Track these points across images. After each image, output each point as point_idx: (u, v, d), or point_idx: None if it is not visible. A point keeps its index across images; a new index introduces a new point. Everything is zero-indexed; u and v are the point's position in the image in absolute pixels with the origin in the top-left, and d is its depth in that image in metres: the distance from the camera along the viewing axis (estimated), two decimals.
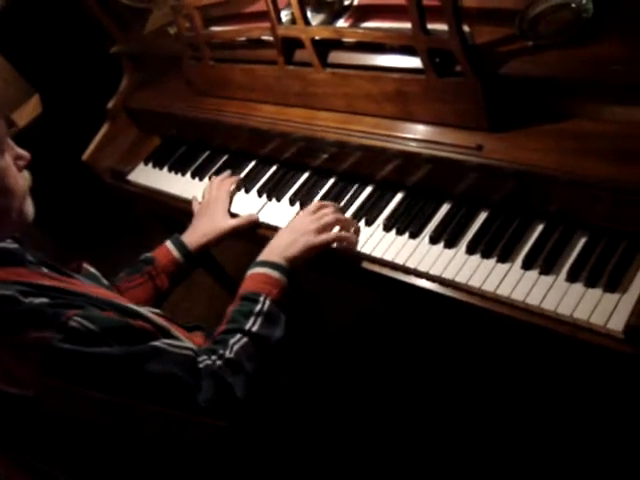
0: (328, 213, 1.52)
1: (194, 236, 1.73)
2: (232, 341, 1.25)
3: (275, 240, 1.49)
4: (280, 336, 1.31)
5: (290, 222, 1.55)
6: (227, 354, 1.22)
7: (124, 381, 1.11)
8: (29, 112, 3.21)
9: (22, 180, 1.24)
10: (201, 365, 1.19)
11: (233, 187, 1.84)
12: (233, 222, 1.74)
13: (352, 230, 1.53)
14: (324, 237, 1.48)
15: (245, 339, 1.26)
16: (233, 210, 1.80)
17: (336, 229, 1.52)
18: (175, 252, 1.70)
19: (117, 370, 1.10)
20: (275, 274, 1.39)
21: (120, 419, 1.13)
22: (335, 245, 1.50)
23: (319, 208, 1.55)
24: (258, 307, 1.32)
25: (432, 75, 1.39)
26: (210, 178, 1.95)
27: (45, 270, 1.25)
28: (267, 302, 1.33)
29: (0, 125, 1.19)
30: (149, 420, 1.15)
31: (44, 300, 1.09)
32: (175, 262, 1.69)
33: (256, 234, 1.74)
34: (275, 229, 1.68)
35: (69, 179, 2.99)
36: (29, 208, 1.25)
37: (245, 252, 3.01)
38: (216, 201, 1.79)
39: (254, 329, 1.28)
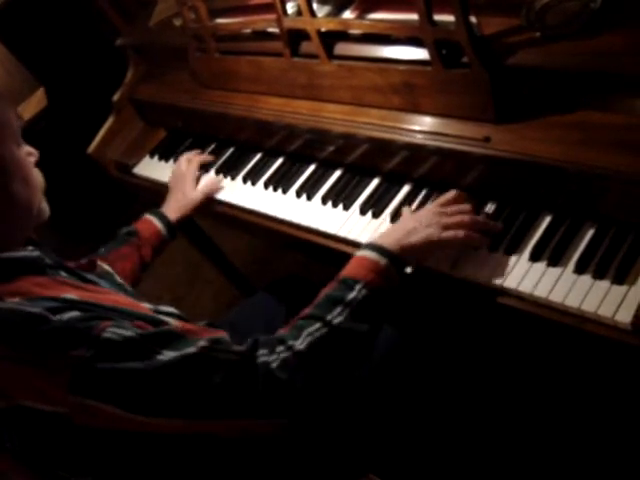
0: (465, 211, 1.36)
1: (171, 209, 1.86)
2: (308, 330, 1.13)
3: (396, 224, 1.38)
4: (365, 331, 1.18)
5: (419, 211, 1.39)
6: (297, 345, 1.11)
7: (162, 401, 1.04)
8: (34, 105, 3.21)
9: (39, 176, 1.24)
10: (258, 361, 1.09)
11: (199, 163, 1.97)
12: (199, 190, 1.89)
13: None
14: (450, 235, 1.31)
15: (324, 330, 1.14)
16: (243, 204, 1.81)
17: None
18: (159, 224, 1.82)
19: (155, 384, 1.03)
20: (383, 261, 1.25)
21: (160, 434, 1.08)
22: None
23: (453, 202, 1.40)
24: (351, 295, 1.18)
25: (439, 67, 1.39)
26: (216, 170, 1.95)
27: (64, 274, 1.22)
28: (363, 292, 1.19)
29: (14, 118, 1.19)
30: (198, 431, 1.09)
31: (74, 314, 1.04)
32: (158, 234, 1.81)
33: (257, 225, 1.78)
34: (281, 222, 1.70)
35: (74, 172, 2.99)
36: (45, 206, 1.26)
37: (251, 245, 3.02)
38: (183, 176, 1.92)
39: (337, 320, 1.15)
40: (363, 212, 1.57)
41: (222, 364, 1.06)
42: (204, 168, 1.98)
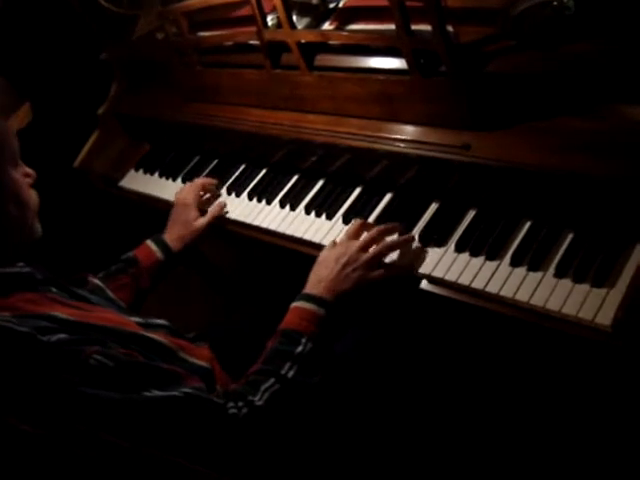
0: (375, 238, 1.42)
1: (174, 238, 1.77)
2: (264, 386, 1.20)
3: (323, 270, 1.39)
4: (316, 382, 1.25)
5: (337, 250, 1.42)
6: (256, 401, 1.17)
7: (141, 429, 1.07)
8: (19, 121, 3.21)
9: (34, 196, 1.27)
10: (229, 412, 1.14)
11: (200, 188, 1.86)
12: (203, 221, 1.78)
13: (409, 247, 1.44)
14: (377, 274, 1.39)
15: (278, 386, 1.20)
16: (227, 215, 1.82)
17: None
18: (158, 253, 1.73)
19: (135, 417, 1.06)
20: (321, 312, 1.31)
21: (134, 461, 1.07)
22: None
23: (360, 230, 1.47)
24: (298, 349, 1.25)
25: (417, 76, 1.40)
26: None
27: (55, 290, 1.24)
28: (309, 345, 1.26)
29: (14, 139, 1.22)
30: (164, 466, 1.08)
31: (62, 336, 1.06)
32: (158, 263, 1.72)
33: (243, 235, 1.78)
34: (266, 232, 1.71)
35: (60, 186, 2.99)
36: (37, 225, 1.27)
37: (237, 255, 3.02)
38: (185, 206, 1.81)
39: (290, 375, 1.22)
40: (346, 221, 1.58)
41: (201, 410, 1.12)
42: (189, 180, 1.99)
